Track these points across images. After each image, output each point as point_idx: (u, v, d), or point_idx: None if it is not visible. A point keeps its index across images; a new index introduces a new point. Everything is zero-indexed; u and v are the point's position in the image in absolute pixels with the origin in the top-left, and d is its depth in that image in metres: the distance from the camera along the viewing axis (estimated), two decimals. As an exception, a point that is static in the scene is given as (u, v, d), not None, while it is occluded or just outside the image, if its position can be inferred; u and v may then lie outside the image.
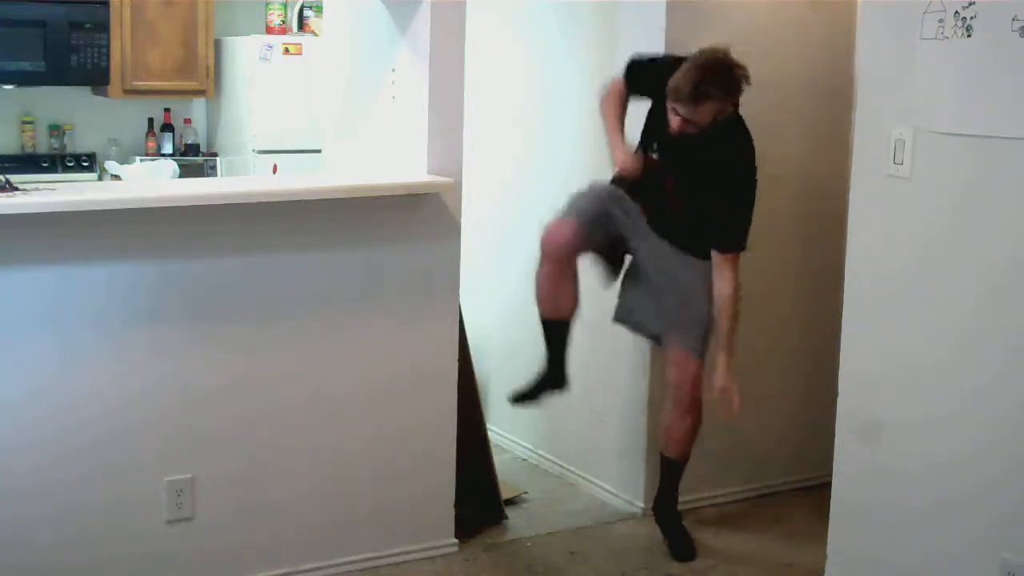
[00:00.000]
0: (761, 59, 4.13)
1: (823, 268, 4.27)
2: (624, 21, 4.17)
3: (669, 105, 3.51)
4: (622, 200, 3.74)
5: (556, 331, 3.86)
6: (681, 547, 3.89)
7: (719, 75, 3.45)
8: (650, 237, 3.74)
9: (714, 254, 3.66)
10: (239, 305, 3.43)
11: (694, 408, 3.81)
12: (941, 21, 2.91)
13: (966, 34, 2.85)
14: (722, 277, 3.64)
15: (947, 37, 2.90)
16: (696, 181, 3.63)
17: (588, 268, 3.88)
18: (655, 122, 3.70)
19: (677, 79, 3.45)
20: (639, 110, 3.77)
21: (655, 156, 3.69)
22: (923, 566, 3.08)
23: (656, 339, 3.87)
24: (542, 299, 3.84)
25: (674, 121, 3.52)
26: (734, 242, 3.64)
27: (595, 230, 3.73)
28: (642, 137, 3.76)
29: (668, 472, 3.95)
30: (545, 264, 3.76)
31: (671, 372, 3.80)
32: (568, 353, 3.90)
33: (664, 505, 3.98)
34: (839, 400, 3.33)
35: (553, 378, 3.90)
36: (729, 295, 3.65)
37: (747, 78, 3.48)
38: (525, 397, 3.95)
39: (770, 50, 4.15)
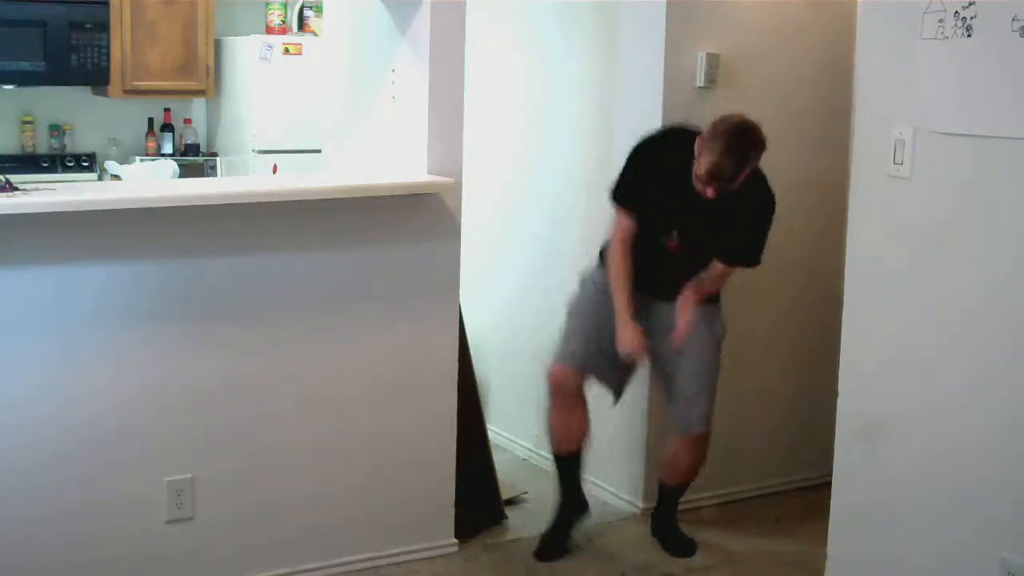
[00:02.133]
0: (761, 59, 4.14)
1: (823, 268, 4.27)
2: (624, 21, 4.17)
3: (702, 181, 3.42)
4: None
5: (570, 465, 3.89)
6: (680, 545, 3.90)
7: (749, 138, 3.42)
8: (652, 308, 3.70)
9: (717, 263, 3.64)
10: (239, 305, 3.43)
11: (703, 446, 3.81)
12: (941, 21, 2.91)
13: (966, 34, 2.85)
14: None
15: (947, 37, 2.90)
16: (713, 232, 3.60)
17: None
18: (670, 201, 3.58)
19: (712, 161, 3.36)
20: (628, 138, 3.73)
21: (675, 238, 3.61)
22: (923, 565, 3.08)
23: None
24: (555, 437, 3.88)
25: (710, 192, 3.43)
26: (749, 258, 3.66)
27: (592, 359, 3.74)
28: (655, 223, 3.62)
29: (670, 499, 3.97)
30: (554, 401, 3.82)
31: (688, 457, 3.82)
32: (582, 477, 3.94)
33: (664, 521, 3.99)
34: (839, 400, 3.33)
35: (574, 506, 3.92)
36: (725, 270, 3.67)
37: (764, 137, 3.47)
38: (552, 542, 3.87)
39: (770, 50, 4.15)
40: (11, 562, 3.20)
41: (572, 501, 3.92)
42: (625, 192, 3.64)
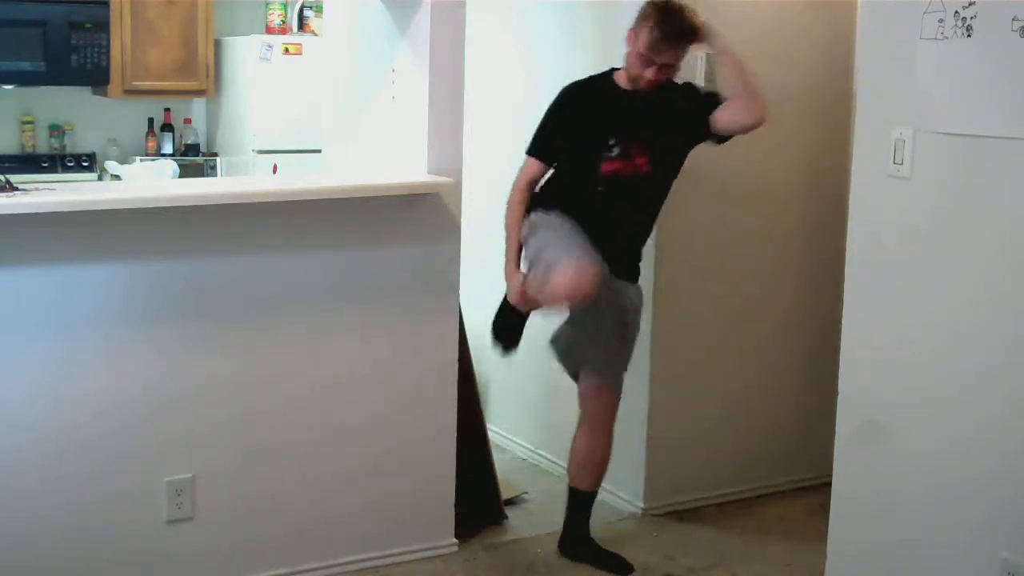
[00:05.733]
0: (761, 59, 4.13)
1: (823, 268, 4.27)
2: (624, 21, 4.15)
3: (643, 61, 3.46)
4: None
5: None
6: (618, 564, 3.77)
7: (685, 18, 3.47)
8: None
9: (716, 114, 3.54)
10: (239, 305, 3.43)
11: (609, 433, 3.74)
12: (941, 21, 2.91)
13: (966, 34, 2.85)
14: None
15: (947, 37, 2.90)
16: (666, 140, 3.59)
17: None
18: (607, 119, 3.58)
19: (652, 35, 3.43)
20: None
21: (615, 153, 3.55)
22: (923, 565, 3.08)
23: (574, 376, 3.78)
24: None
25: (650, 73, 3.47)
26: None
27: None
28: (591, 146, 3.58)
29: (581, 506, 3.82)
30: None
31: (593, 404, 3.71)
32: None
33: (579, 539, 3.84)
34: (839, 400, 3.33)
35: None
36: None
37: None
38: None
39: (770, 50, 4.15)
40: (11, 562, 3.20)
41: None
42: (539, 145, 3.66)
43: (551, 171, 3.69)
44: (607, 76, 3.66)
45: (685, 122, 3.57)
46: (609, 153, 3.55)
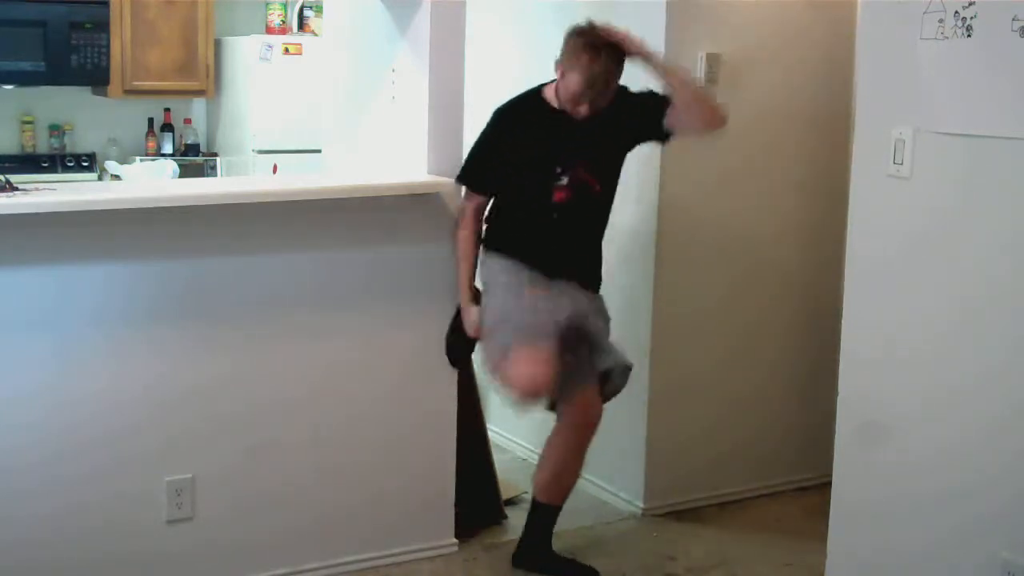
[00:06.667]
0: (761, 59, 4.14)
1: (823, 268, 4.27)
2: (624, 21, 4.15)
3: (576, 100, 3.34)
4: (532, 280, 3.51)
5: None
6: (583, 571, 3.72)
7: (610, 55, 3.32)
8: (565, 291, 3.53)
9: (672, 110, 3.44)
10: (239, 305, 3.43)
11: (586, 448, 3.67)
12: (941, 21, 2.91)
13: (966, 34, 2.85)
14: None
15: (947, 37, 2.90)
16: (610, 154, 3.52)
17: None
18: (547, 145, 3.46)
19: (583, 81, 3.29)
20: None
21: (564, 181, 3.45)
22: (923, 565, 3.08)
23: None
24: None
25: (584, 109, 3.36)
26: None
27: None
28: (538, 177, 3.48)
29: (546, 520, 3.72)
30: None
31: (586, 414, 3.60)
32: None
33: (542, 551, 3.74)
34: (839, 400, 3.33)
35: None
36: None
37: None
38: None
39: (770, 50, 4.16)
40: (11, 562, 3.20)
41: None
42: (469, 174, 3.56)
43: (494, 198, 3.59)
44: (537, 95, 3.52)
45: (629, 129, 3.49)
46: (558, 181, 3.45)
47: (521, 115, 3.54)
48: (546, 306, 3.45)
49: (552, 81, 3.48)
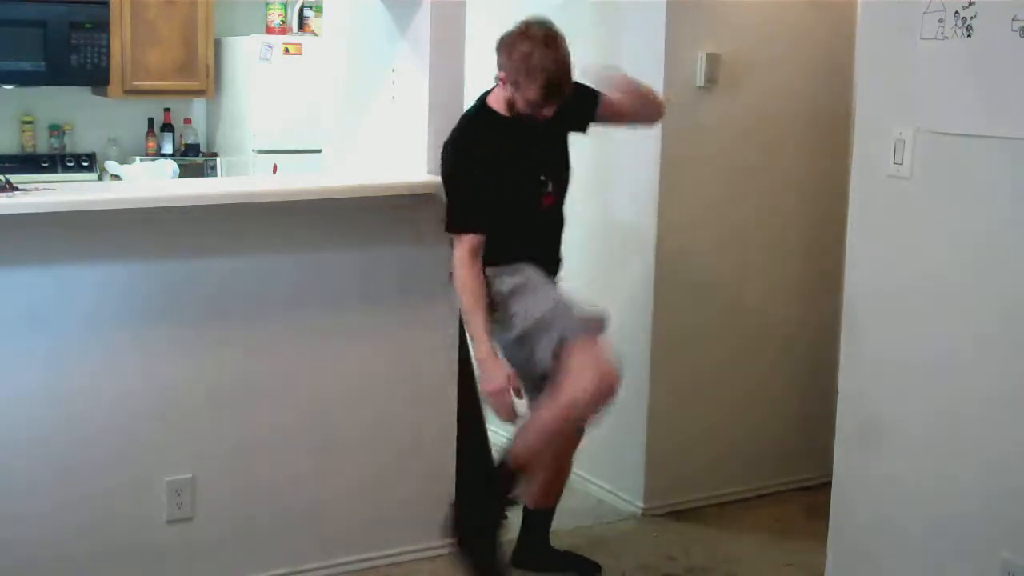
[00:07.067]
0: (761, 59, 4.14)
1: (823, 268, 4.27)
2: (624, 21, 4.17)
3: (534, 110, 3.28)
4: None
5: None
6: (587, 567, 3.73)
7: (560, 47, 3.28)
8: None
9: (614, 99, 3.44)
10: (239, 305, 3.43)
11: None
12: (941, 21, 2.91)
13: (966, 34, 2.85)
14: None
15: (947, 37, 2.90)
16: (564, 147, 3.51)
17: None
18: (523, 159, 3.39)
19: (538, 94, 3.23)
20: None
21: (550, 188, 3.43)
22: (923, 566, 3.08)
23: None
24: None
25: (550, 111, 3.28)
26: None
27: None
28: (527, 191, 3.41)
29: (542, 521, 3.71)
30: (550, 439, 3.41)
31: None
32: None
33: (540, 550, 3.73)
34: (839, 400, 3.33)
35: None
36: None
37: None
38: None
39: (770, 50, 4.15)
40: (11, 562, 3.20)
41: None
42: (466, 219, 3.35)
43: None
44: (485, 110, 3.41)
45: (570, 121, 3.46)
46: (545, 188, 3.43)
47: (482, 139, 3.38)
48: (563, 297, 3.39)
49: (491, 90, 3.42)
